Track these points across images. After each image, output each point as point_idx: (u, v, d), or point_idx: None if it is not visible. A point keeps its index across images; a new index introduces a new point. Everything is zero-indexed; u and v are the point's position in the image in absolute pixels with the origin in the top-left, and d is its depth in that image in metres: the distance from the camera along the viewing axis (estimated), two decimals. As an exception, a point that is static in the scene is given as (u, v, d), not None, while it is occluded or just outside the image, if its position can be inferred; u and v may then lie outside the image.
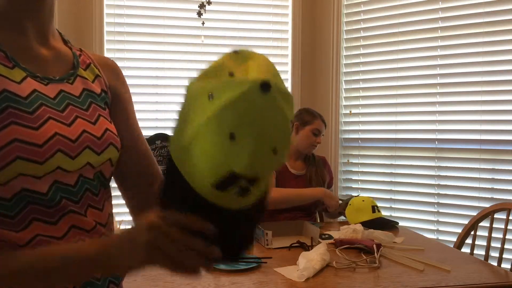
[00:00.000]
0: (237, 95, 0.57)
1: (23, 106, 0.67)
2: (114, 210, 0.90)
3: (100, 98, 0.83)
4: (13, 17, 0.71)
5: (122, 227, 2.38)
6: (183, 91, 0.65)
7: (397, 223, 2.35)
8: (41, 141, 0.67)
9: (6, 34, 0.71)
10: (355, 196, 2.45)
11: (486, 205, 2.47)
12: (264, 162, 0.61)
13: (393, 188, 3.06)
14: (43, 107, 0.70)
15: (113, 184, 0.89)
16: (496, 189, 2.69)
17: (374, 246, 1.74)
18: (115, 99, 0.89)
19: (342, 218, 3.20)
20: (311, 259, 1.58)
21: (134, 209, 0.92)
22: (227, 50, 0.68)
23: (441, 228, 2.87)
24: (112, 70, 0.90)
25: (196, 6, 3.13)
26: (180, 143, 0.62)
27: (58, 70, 0.77)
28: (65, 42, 0.85)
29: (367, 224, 2.14)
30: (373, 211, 2.29)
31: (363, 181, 3.20)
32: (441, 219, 2.88)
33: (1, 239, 0.68)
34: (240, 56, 0.64)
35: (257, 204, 0.67)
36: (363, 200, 2.34)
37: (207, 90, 0.59)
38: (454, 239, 2.30)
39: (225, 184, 0.60)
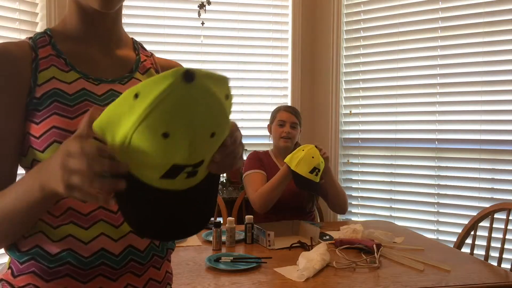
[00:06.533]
0: (161, 91, 0.55)
1: (67, 101, 0.82)
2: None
3: None
4: (82, 37, 0.90)
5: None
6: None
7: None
8: (73, 129, 0.80)
9: (73, 47, 0.89)
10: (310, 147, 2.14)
11: (486, 205, 2.47)
12: (204, 147, 0.62)
13: (393, 188, 3.06)
14: (86, 101, 0.84)
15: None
16: (496, 189, 2.70)
17: (374, 246, 1.74)
18: None
19: (342, 217, 3.21)
20: (311, 259, 1.58)
21: None
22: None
23: (441, 228, 2.87)
24: None
25: (196, 6, 3.13)
26: (117, 145, 0.60)
27: (114, 73, 0.92)
28: (135, 49, 0.99)
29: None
30: (312, 172, 2.06)
31: (363, 181, 3.20)
32: (441, 219, 2.88)
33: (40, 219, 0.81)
34: None
35: (209, 178, 0.69)
36: (303, 150, 2.10)
37: (133, 90, 0.57)
38: (454, 239, 2.30)
39: (173, 174, 0.62)
